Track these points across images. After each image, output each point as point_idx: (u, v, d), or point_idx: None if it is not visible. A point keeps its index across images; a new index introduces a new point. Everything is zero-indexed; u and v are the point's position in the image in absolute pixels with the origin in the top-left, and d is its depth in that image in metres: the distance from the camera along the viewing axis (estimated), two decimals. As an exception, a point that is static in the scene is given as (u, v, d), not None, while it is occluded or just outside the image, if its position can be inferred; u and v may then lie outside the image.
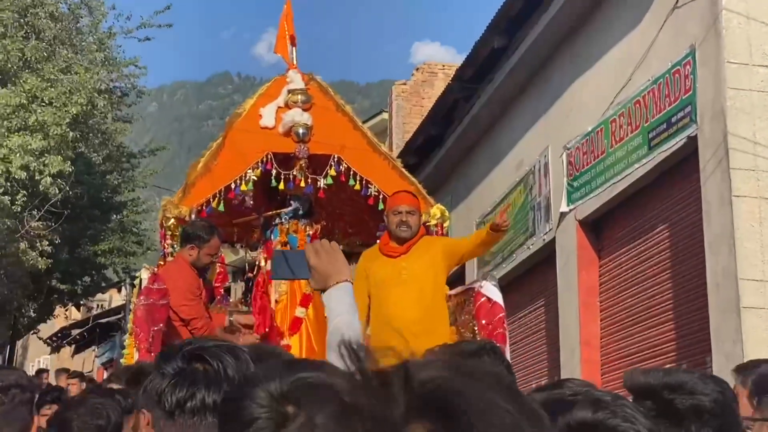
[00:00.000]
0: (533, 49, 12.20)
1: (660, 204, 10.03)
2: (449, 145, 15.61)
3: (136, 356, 6.06)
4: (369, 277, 6.54)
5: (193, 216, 6.92)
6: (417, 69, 21.79)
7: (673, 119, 9.24)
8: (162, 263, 7.18)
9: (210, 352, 2.07)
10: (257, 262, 8.04)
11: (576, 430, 1.99)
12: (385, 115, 22.11)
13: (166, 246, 7.04)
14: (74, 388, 14.02)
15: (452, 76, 16.02)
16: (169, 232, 6.98)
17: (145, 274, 6.47)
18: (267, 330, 7.07)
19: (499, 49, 13.28)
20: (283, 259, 2.95)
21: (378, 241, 7.18)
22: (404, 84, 21.59)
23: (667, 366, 9.64)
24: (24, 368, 30.88)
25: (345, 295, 2.78)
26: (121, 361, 6.61)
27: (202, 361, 2.08)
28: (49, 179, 16.69)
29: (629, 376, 2.61)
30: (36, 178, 16.79)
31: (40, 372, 15.46)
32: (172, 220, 6.94)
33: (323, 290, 2.81)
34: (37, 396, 4.90)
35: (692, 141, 8.95)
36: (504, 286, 7.36)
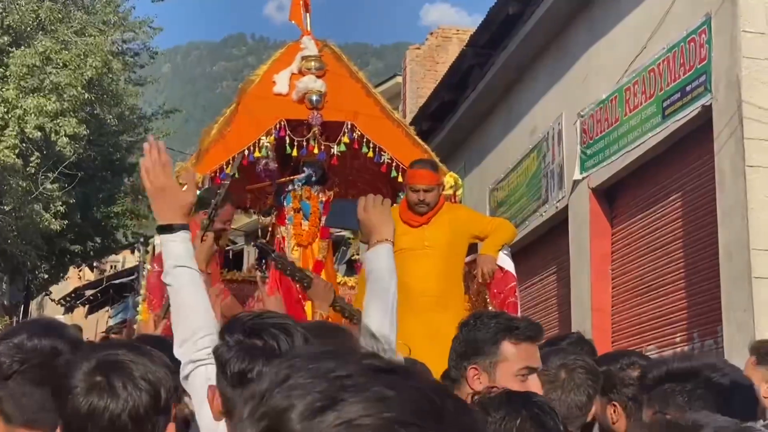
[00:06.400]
0: (548, 16, 12.14)
1: (673, 173, 10.02)
2: (463, 111, 15.58)
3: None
4: None
5: (206, 183, 6.92)
6: (431, 33, 21.70)
7: (688, 88, 9.20)
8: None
9: (266, 331, 2.18)
10: (269, 228, 8.08)
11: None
12: (399, 79, 22.05)
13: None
14: None
15: (466, 41, 15.95)
16: (183, 198, 6.97)
17: (159, 240, 6.48)
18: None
19: (514, 15, 13.21)
20: (339, 208, 3.03)
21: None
22: (418, 48, 21.52)
23: (678, 337, 9.68)
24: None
25: (384, 257, 2.85)
26: (134, 327, 6.66)
27: (259, 337, 2.17)
28: (65, 139, 16.75)
29: (664, 366, 2.69)
30: (52, 138, 16.86)
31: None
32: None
33: (368, 243, 2.89)
34: None
35: (706, 110, 8.91)
36: (516, 252, 7.38)
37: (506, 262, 6.69)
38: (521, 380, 3.08)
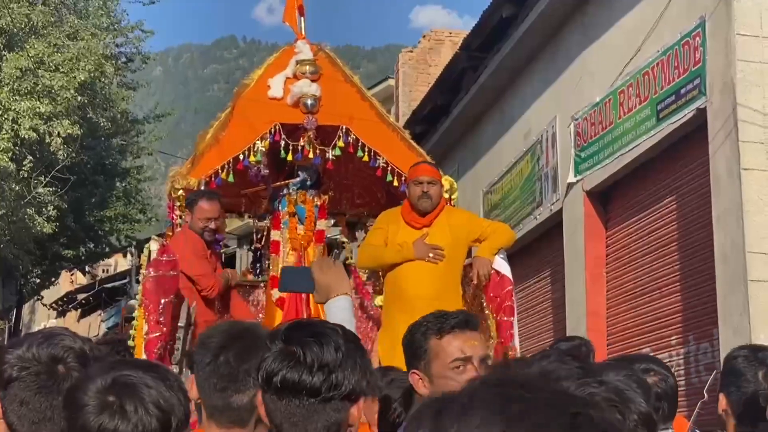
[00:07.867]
0: (542, 18, 12.13)
1: (668, 176, 10.02)
2: (456, 114, 15.57)
3: (145, 328, 6.05)
4: (388, 238, 6.48)
5: (202, 187, 6.91)
6: (424, 36, 21.70)
7: (682, 91, 9.20)
8: (170, 234, 7.19)
9: (297, 339, 2.24)
10: (264, 232, 8.06)
11: None
12: (391, 81, 22.05)
13: (175, 217, 7.03)
14: None
15: (459, 44, 15.95)
16: (178, 203, 6.97)
17: (154, 246, 6.46)
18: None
19: (508, 18, 13.21)
20: (291, 274, 3.17)
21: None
22: (411, 51, 21.51)
23: (674, 339, 9.67)
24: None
25: (344, 308, 2.93)
26: (131, 332, 6.61)
27: (294, 344, 2.23)
28: (59, 140, 16.72)
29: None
30: (46, 140, 16.84)
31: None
32: (181, 191, 6.93)
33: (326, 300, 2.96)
34: None
35: (701, 113, 8.91)
36: (510, 255, 7.35)
37: (503, 265, 6.67)
38: (458, 373, 3.08)
